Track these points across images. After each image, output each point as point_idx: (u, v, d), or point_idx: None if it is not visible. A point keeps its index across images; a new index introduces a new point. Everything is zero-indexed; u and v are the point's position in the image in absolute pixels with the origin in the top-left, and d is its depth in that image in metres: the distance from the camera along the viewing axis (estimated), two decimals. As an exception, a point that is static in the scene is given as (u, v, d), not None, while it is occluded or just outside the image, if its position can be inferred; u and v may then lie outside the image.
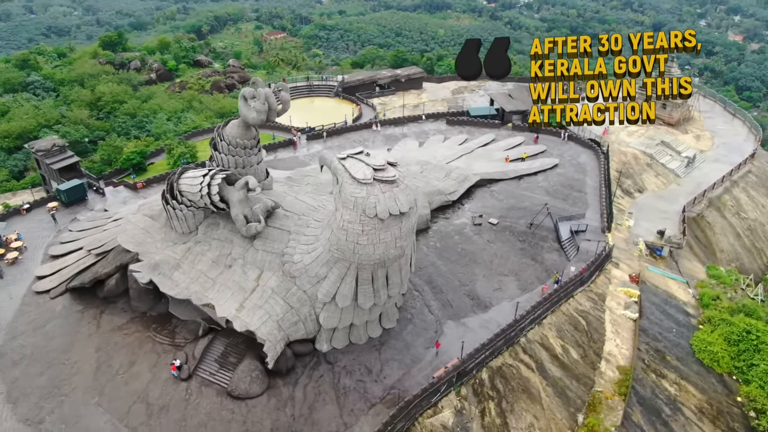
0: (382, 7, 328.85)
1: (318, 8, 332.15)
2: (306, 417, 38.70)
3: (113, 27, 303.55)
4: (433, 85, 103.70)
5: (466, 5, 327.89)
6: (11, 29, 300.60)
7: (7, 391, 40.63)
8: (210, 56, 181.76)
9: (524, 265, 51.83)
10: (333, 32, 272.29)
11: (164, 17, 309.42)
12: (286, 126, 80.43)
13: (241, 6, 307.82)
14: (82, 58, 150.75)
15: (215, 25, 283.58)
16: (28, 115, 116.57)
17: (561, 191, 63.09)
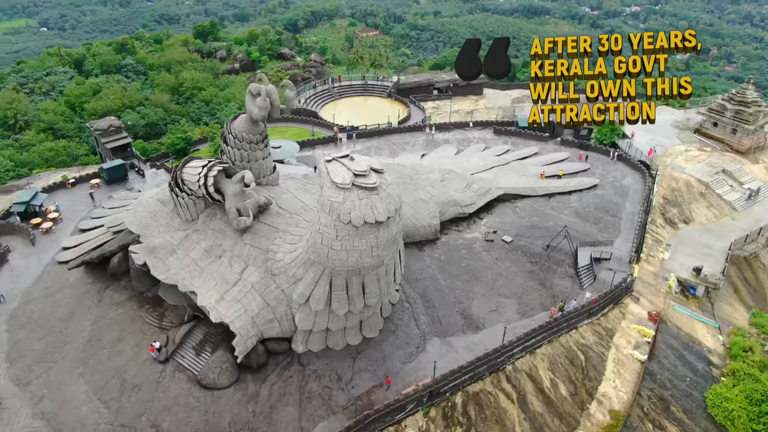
0: (479, 10, 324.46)
1: (414, 8, 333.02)
2: (266, 416, 38.77)
3: (219, 17, 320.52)
4: (495, 92, 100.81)
5: (566, 11, 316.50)
6: (129, 15, 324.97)
7: (8, 351, 43.72)
8: (295, 50, 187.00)
9: (529, 289, 49.05)
10: (424, 32, 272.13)
11: (266, 10, 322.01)
12: (330, 123, 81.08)
13: (338, 3, 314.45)
14: (174, 46, 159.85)
15: (311, 20, 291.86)
16: (116, 95, 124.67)
17: (593, 214, 59.14)
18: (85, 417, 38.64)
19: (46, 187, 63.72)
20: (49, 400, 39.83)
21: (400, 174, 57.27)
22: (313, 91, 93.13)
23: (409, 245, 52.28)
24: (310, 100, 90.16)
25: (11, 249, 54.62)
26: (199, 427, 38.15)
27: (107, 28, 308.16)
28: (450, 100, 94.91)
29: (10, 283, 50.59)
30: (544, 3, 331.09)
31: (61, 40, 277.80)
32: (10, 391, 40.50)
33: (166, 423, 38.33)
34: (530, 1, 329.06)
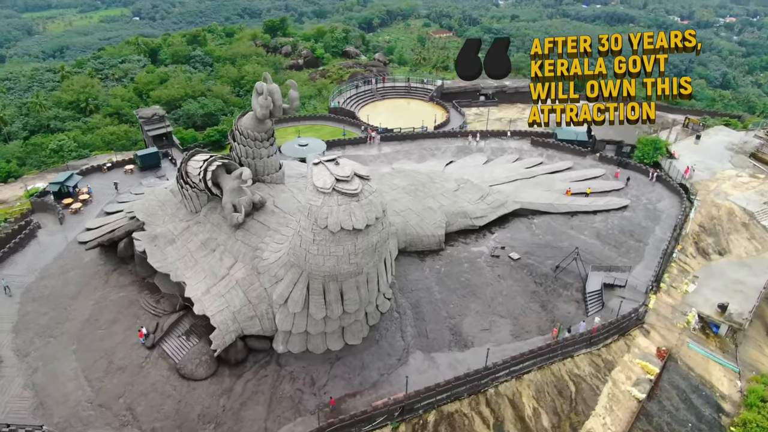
0: (559, 15, 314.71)
1: (492, 11, 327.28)
2: (234, 412, 39.12)
3: (298, 13, 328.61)
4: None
5: (653, 20, 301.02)
6: (215, 7, 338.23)
7: (16, 322, 46.42)
8: (362, 48, 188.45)
9: (528, 311, 46.89)
10: (498, 36, 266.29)
11: (344, 8, 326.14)
12: (365, 123, 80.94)
13: (414, 3, 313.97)
14: (242, 39, 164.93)
15: (386, 19, 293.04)
16: (180, 84, 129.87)
17: (615, 237, 55.81)
18: (69, 392, 40.37)
19: (84, 169, 67.11)
20: (42, 373, 41.90)
21: (413, 180, 56.33)
22: (355, 92, 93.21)
23: (411, 254, 51.43)
24: (351, 100, 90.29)
25: (41, 226, 58.00)
26: (169, 415, 39.00)
27: (193, 19, 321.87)
28: (496, 107, 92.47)
29: (35, 258, 53.70)
30: (630, 10, 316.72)
31: (150, 30, 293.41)
32: (9, 360, 42.94)
33: (140, 408, 39.43)
34: (614, 8, 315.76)
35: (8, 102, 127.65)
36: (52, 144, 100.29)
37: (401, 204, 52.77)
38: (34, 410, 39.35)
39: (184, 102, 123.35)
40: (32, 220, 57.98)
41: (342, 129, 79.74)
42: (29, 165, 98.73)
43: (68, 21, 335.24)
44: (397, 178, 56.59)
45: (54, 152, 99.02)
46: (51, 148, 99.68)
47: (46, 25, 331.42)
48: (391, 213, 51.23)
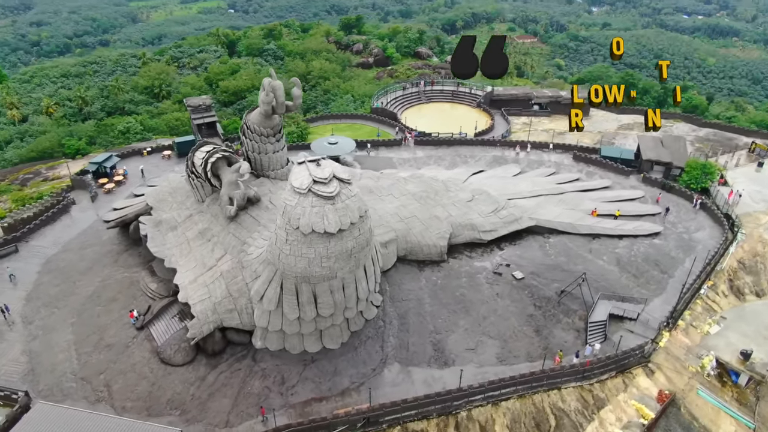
0: (656, 25, 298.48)
1: (583, 18, 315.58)
2: (201, 401, 39.68)
3: (384, 12, 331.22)
4: (605, 115, 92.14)
5: (760, 34, 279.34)
6: (304, 3, 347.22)
7: (30, 291, 49.45)
8: (436, 50, 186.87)
9: (520, 334, 44.43)
10: (584, 44, 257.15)
11: (430, 8, 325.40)
12: (401, 125, 79.95)
13: (500, 6, 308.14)
14: (316, 35, 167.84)
15: (470, 22, 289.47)
16: (248, 76, 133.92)
17: (638, 266, 51.83)
18: (58, 363, 42.45)
19: (125, 152, 70.55)
20: (39, 341, 44.36)
21: (426, 188, 54.92)
22: (401, 93, 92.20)
23: (410, 262, 50.20)
24: (396, 102, 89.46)
25: (76, 202, 61.54)
26: (141, 396, 40.11)
27: (283, 14, 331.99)
28: (548, 118, 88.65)
29: (62, 232, 57.07)
30: (736, 23, 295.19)
31: (242, 22, 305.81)
32: (15, 326, 45.77)
33: (117, 385, 40.84)
34: (717, 21, 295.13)
35: (92, 84, 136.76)
36: (120, 126, 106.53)
37: (408, 210, 51.57)
38: (24, 375, 41.64)
39: (250, 93, 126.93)
40: (68, 196, 61.58)
41: (377, 129, 79.11)
42: (98, 144, 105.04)
43: (169, 11, 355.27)
44: (411, 184, 55.37)
45: (121, 133, 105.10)
46: (119, 129, 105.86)
47: (149, 14, 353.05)
48: (394, 219, 50.32)
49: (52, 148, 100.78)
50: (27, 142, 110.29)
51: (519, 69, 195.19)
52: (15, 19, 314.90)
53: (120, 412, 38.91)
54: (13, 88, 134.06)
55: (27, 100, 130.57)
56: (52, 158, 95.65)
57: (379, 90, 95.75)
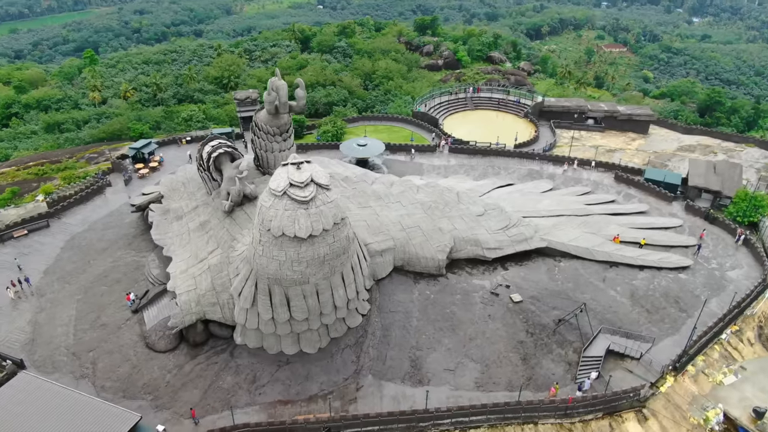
0: (763, 40, 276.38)
1: (682, 28, 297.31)
2: (174, 390, 40.64)
3: (470, 14, 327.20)
4: (666, 134, 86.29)
5: None
6: (390, 2, 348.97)
7: (50, 265, 52.58)
8: (511, 55, 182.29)
9: (504, 361, 42.22)
10: (677, 56, 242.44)
11: (517, 12, 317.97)
12: (438, 131, 78.30)
13: (591, 13, 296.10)
14: (388, 35, 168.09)
15: (557, 27, 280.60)
16: (314, 72, 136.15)
17: (654, 301, 47.91)
18: (56, 336, 44.83)
19: (166, 140, 73.51)
20: (45, 314, 47.04)
21: (437, 198, 53.39)
22: (447, 98, 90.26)
23: (407, 273, 49.03)
24: (440, 107, 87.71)
25: (111, 184, 64.85)
26: (121, 377, 41.59)
27: (369, 12, 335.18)
28: (600, 133, 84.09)
29: (92, 212, 60.31)
30: None
31: (329, 18, 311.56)
32: (28, 298, 48.71)
33: (101, 364, 42.57)
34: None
35: (169, 72, 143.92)
36: (184, 113, 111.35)
37: (412, 220, 50.35)
38: (24, 344, 44.27)
39: (314, 89, 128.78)
40: (106, 178, 64.98)
41: (411, 134, 77.93)
42: (163, 129, 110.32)
43: (262, 4, 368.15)
44: (423, 193, 54.01)
45: (184, 121, 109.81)
46: (182, 116, 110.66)
47: (243, 7, 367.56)
48: (396, 228, 49.32)
49: (121, 130, 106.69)
50: (102, 123, 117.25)
51: (599, 79, 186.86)
52: (121, 6, 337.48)
53: (98, 391, 40.53)
54: (98, 72, 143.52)
55: (109, 83, 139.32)
56: (119, 140, 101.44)
57: (425, 94, 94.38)
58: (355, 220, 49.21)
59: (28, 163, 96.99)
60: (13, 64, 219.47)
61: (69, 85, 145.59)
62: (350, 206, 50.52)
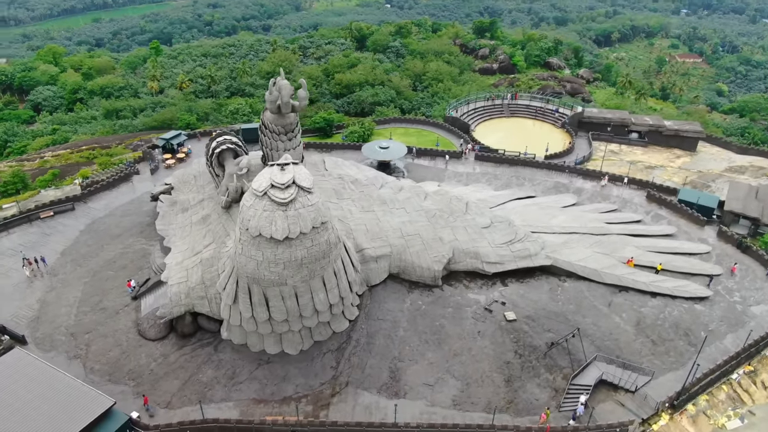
0: None
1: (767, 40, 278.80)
2: (156, 378, 41.59)
3: (538, 17, 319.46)
4: (717, 152, 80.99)
5: None
6: (458, 3, 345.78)
7: (68, 246, 54.97)
8: (572, 62, 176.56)
9: (487, 381, 40.65)
10: (757, 69, 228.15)
11: (587, 17, 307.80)
12: (468, 138, 76.56)
13: (667, 21, 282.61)
14: (443, 36, 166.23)
15: (628, 35, 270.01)
16: (364, 72, 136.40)
17: (662, 332, 44.91)
18: (59, 316, 46.75)
19: (200, 132, 75.44)
20: (54, 293, 49.18)
21: (444, 207, 52.16)
22: (482, 104, 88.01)
23: (403, 281, 48.21)
24: (475, 112, 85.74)
25: (139, 172, 67.19)
26: (110, 361, 42.89)
27: (436, 12, 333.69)
28: (643, 148, 79.96)
29: (116, 198, 62.68)
30: None
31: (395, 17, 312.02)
32: (43, 277, 51.04)
33: (94, 346, 44.06)
34: None
35: (225, 65, 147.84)
36: (231, 106, 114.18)
37: (413, 227, 49.37)
38: (30, 321, 46.40)
39: (362, 88, 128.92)
40: (134, 166, 67.38)
41: (437, 138, 76.53)
42: (210, 121, 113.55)
43: (330, 2, 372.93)
44: (430, 201, 52.90)
45: (231, 113, 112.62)
46: (230, 109, 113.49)
47: (312, 4, 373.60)
48: (395, 234, 48.57)
49: (172, 120, 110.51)
50: (157, 111, 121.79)
51: (664, 90, 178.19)
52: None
53: (87, 372, 41.94)
54: (159, 63, 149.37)
55: (168, 74, 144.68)
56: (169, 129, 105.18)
57: (460, 99, 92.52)
58: (356, 223, 48.81)
59: (81, 146, 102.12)
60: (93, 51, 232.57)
61: (132, 74, 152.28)
62: (352, 209, 50.13)
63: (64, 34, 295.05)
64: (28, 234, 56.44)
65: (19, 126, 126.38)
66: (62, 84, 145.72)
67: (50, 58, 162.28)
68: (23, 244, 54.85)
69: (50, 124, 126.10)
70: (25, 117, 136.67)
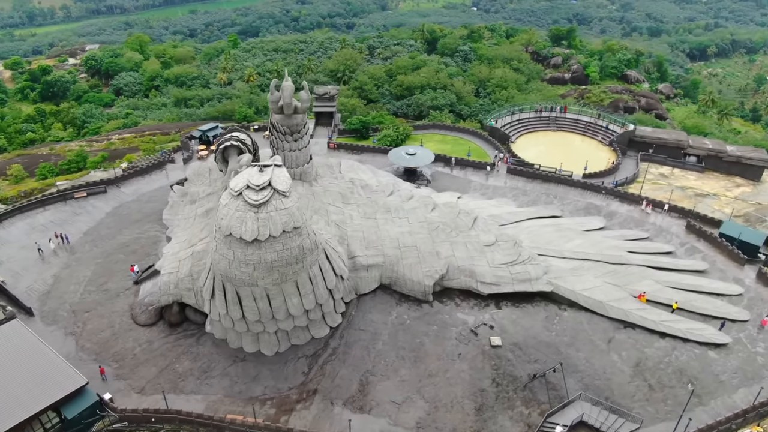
0: None
1: None
2: (137, 363, 42.90)
3: (631, 27, 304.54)
4: (784, 182, 73.77)
5: None
6: (546, 9, 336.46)
7: (92, 227, 57.97)
8: (654, 75, 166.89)
9: (457, 407, 38.77)
10: None
11: (683, 29, 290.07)
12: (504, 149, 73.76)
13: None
14: (515, 42, 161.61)
15: (726, 49, 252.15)
16: (426, 74, 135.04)
17: (663, 377, 41.06)
18: (67, 293, 49.20)
19: (240, 126, 77.30)
20: (68, 270, 51.86)
21: (450, 220, 50.39)
22: (527, 116, 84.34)
23: (393, 293, 47.06)
24: (517, 123, 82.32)
25: (174, 161, 69.70)
26: (100, 342, 44.64)
27: (522, 17, 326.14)
28: (698, 174, 74.04)
29: (146, 184, 65.43)
30: None
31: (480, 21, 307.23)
32: (63, 253, 53.98)
33: (90, 325, 46.01)
34: None
35: (293, 61, 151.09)
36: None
37: (411, 239, 48.00)
38: (41, 295, 49.15)
39: (424, 91, 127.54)
40: (170, 155, 69.96)
41: (470, 147, 74.10)
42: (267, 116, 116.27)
43: (417, 2, 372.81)
44: (437, 212, 51.27)
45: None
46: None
47: (399, 4, 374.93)
48: (392, 245, 47.53)
49: (232, 111, 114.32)
50: (222, 102, 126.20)
51: (756, 111, 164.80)
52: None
53: (78, 350, 43.87)
54: (232, 55, 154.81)
55: (239, 67, 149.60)
56: (230, 120, 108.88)
57: (504, 108, 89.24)
58: (353, 230, 48.14)
59: (144, 132, 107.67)
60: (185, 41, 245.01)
61: (206, 65, 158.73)
62: (354, 215, 49.48)
63: (162, 23, 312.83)
64: (61, 212, 59.82)
65: (97, 108, 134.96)
66: (143, 71, 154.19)
67: (137, 46, 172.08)
68: (54, 221, 58.21)
69: (125, 108, 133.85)
70: (107, 100, 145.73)
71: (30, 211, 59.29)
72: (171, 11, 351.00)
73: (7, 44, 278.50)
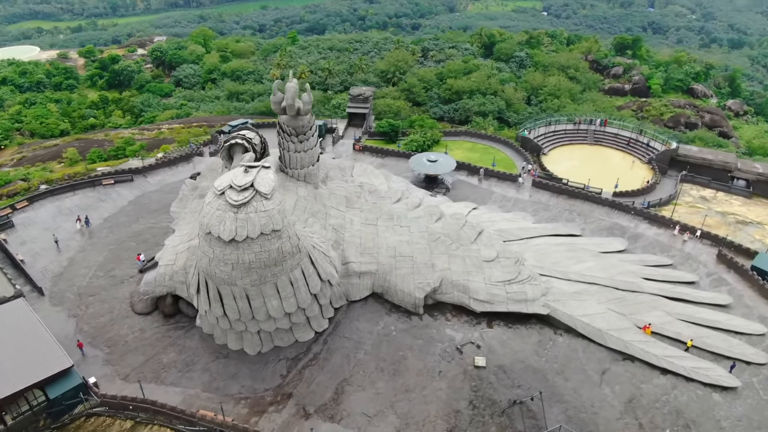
0: None
1: None
2: (128, 350, 44.05)
3: (710, 38, 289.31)
4: (843, 216, 67.57)
5: None
6: (620, 16, 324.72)
7: (112, 215, 60.32)
8: (725, 90, 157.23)
9: (428, 426, 37.42)
10: None
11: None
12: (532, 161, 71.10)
13: None
14: (574, 50, 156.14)
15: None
16: (477, 79, 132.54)
17: (657, 418, 38.18)
18: (77, 276, 51.22)
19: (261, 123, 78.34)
20: (83, 254, 54.00)
21: (452, 232, 48.95)
22: (564, 127, 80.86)
23: (385, 302, 46.23)
24: (552, 135, 79.11)
25: (202, 154, 71.38)
26: (98, 326, 46.13)
27: (594, 24, 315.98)
28: (744, 199, 69.01)
29: (171, 176, 67.32)
30: None
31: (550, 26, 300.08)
32: (83, 237, 56.24)
33: (92, 309, 47.63)
34: None
35: (346, 60, 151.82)
36: (334, 101, 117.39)
37: (409, 249, 46.95)
38: (54, 276, 51.37)
39: (472, 96, 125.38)
40: (199, 148, 71.69)
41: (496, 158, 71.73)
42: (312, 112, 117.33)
43: (486, 5, 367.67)
44: (441, 223, 49.92)
45: (333, 108, 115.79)
46: (332, 103, 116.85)
47: (468, 5, 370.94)
48: (388, 253, 46.78)
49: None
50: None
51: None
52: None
53: (76, 331, 45.53)
54: (288, 52, 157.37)
55: (293, 63, 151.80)
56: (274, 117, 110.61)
57: (539, 119, 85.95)
58: (351, 235, 47.62)
59: (192, 123, 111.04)
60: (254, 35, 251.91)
61: (263, 60, 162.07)
62: (354, 220, 48.93)
63: (233, 18, 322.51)
64: (88, 197, 62.37)
65: (155, 98, 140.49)
66: (203, 64, 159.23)
67: (201, 40, 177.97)
68: (80, 205, 60.77)
69: (180, 99, 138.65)
70: (167, 90, 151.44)
71: (60, 194, 62.10)
72: (243, 6, 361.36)
73: (90, 33, 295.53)
